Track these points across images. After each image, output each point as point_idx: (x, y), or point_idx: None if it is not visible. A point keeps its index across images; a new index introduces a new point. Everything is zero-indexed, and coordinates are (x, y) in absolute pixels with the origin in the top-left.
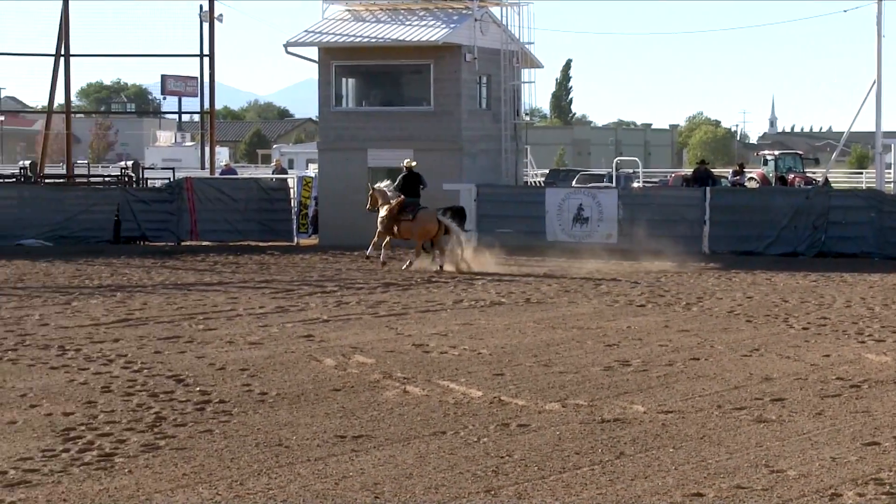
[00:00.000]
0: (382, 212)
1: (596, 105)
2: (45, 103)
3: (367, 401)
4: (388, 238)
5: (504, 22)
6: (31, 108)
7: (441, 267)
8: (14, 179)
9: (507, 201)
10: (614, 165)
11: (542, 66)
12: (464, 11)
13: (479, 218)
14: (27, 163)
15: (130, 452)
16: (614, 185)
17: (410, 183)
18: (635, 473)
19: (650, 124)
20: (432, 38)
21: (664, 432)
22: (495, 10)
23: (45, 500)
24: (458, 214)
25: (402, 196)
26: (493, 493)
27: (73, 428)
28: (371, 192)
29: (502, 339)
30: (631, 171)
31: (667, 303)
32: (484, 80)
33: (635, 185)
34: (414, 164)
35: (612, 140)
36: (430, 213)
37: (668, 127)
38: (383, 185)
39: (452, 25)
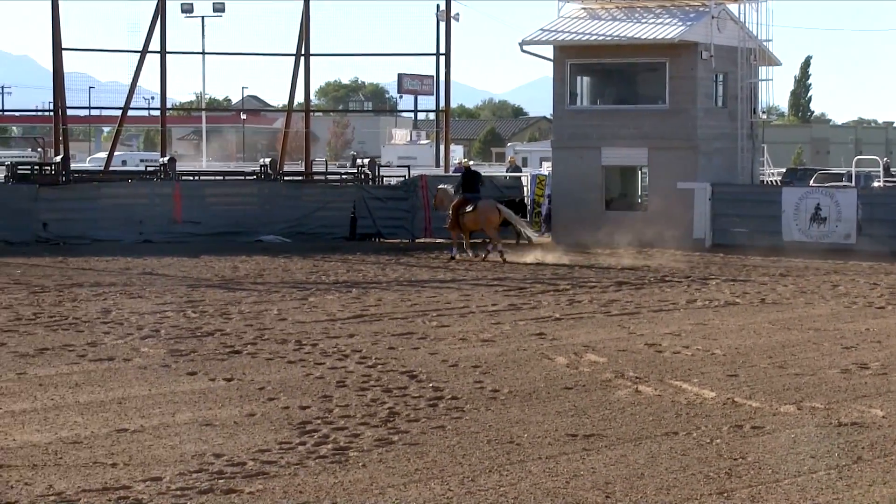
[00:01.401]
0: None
1: (836, 103)
2: (286, 102)
3: (599, 400)
4: (460, 235)
5: (741, 19)
6: (272, 106)
7: (486, 255)
8: (255, 177)
9: (743, 200)
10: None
11: (781, 64)
12: (700, 9)
13: (714, 217)
14: (267, 160)
15: (364, 447)
16: (854, 184)
17: (469, 180)
18: (873, 479)
19: (892, 122)
20: (668, 36)
21: None
22: (733, 7)
23: (281, 492)
24: (517, 205)
25: (463, 193)
26: (725, 495)
27: (309, 421)
28: (437, 193)
29: (736, 340)
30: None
31: None
32: (720, 77)
33: (876, 184)
34: (470, 162)
35: (851, 139)
36: (490, 202)
37: None
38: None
39: (689, 23)
